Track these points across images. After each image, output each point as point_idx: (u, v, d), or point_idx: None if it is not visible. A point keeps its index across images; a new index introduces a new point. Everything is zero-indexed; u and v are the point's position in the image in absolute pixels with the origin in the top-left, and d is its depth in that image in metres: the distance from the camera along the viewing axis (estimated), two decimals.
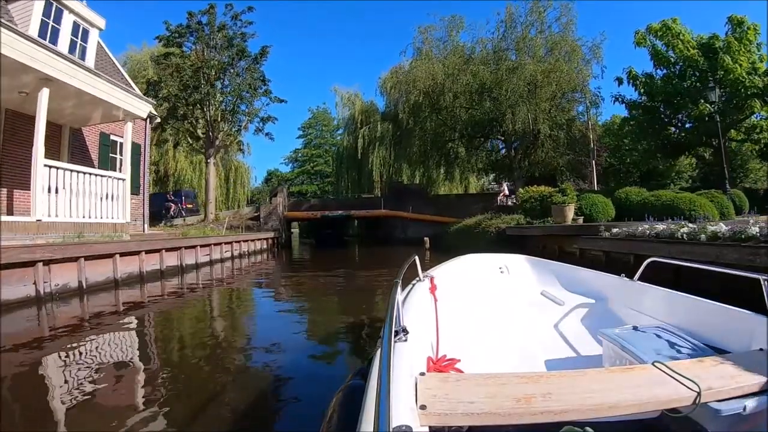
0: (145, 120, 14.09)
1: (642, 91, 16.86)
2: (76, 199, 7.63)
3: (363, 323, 4.81)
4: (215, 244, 11.26)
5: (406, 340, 1.43)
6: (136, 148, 13.69)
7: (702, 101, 14.05)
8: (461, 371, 1.54)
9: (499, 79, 16.30)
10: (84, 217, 7.87)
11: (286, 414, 2.60)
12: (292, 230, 30.14)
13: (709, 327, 1.92)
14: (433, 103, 17.87)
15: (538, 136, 16.92)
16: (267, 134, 20.71)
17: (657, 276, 2.56)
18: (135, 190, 13.35)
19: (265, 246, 16.84)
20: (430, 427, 1.03)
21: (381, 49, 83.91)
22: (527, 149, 17.83)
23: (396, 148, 27.10)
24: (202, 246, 10.24)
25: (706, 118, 14.37)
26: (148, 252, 7.82)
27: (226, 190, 28.96)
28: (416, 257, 2.40)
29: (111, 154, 12.78)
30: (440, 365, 1.53)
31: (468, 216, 16.62)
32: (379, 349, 1.21)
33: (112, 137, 12.71)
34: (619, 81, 17.15)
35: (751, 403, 1.22)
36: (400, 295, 1.61)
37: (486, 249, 4.56)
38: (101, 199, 8.30)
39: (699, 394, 1.17)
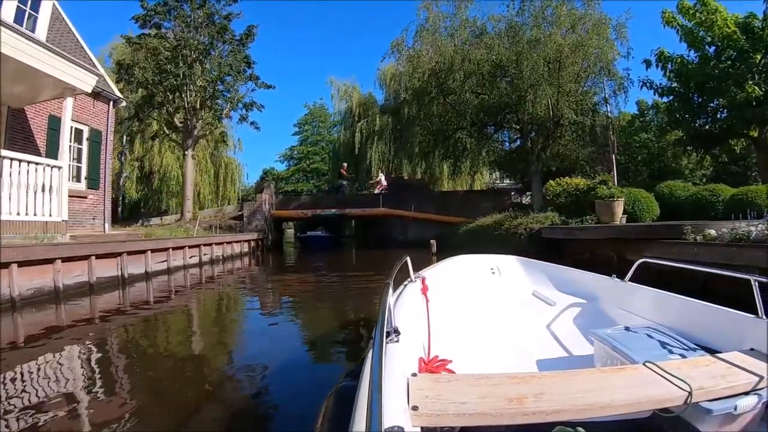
0: (108, 103, 12.37)
1: (673, 75, 14.94)
2: None
3: (355, 325, 4.69)
4: (174, 248, 9.18)
5: (397, 341, 1.41)
6: (96, 135, 11.88)
7: (750, 83, 12.28)
8: (453, 372, 1.52)
9: (519, 53, 14.21)
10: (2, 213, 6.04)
11: (278, 415, 2.49)
12: (286, 230, 28.35)
13: (700, 327, 1.88)
14: (441, 83, 15.80)
15: (561, 123, 14.90)
16: (252, 123, 18.78)
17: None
18: (94, 184, 11.63)
19: (246, 249, 14.80)
20: (422, 427, 1.01)
21: (379, 42, 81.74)
22: (547, 139, 15.75)
23: (396, 142, 25.48)
24: (154, 251, 8.23)
25: (754, 103, 12.56)
26: (66, 260, 5.81)
27: (216, 188, 27.22)
28: (408, 258, 2.42)
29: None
30: (432, 366, 1.51)
31: (480, 215, 14.63)
32: (371, 350, 1.21)
33: None
34: (647, 63, 15.15)
35: (741, 403, 1.21)
36: (391, 296, 1.56)
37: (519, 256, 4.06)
38: (28, 192, 6.53)
39: (690, 393, 1.16)
